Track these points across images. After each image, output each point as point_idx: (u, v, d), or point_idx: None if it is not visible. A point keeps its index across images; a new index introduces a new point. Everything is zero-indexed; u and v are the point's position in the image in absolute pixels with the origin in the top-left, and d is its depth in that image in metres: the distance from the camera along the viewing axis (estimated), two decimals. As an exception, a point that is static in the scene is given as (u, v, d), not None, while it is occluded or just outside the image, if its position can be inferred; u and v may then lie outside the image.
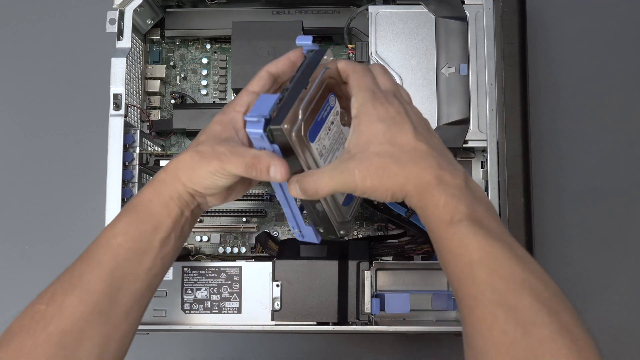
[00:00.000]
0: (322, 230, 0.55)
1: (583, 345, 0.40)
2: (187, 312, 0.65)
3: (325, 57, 0.53)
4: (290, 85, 0.51)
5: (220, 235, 0.77)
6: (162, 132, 0.78)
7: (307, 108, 0.50)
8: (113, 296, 0.50)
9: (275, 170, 0.49)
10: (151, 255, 0.52)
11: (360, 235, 0.76)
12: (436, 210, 0.46)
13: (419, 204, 0.47)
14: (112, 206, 0.66)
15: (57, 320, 0.48)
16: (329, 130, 0.53)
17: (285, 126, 0.48)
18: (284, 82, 0.56)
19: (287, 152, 0.50)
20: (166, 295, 0.66)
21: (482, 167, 0.71)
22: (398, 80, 0.68)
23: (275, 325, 0.65)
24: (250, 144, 0.52)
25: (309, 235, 0.56)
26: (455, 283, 0.45)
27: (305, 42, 0.54)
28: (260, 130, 0.49)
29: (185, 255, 0.75)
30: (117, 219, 0.53)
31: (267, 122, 0.49)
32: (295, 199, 0.54)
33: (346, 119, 0.55)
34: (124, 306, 0.51)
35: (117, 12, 0.70)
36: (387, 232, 0.76)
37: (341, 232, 0.54)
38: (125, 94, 0.69)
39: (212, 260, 0.70)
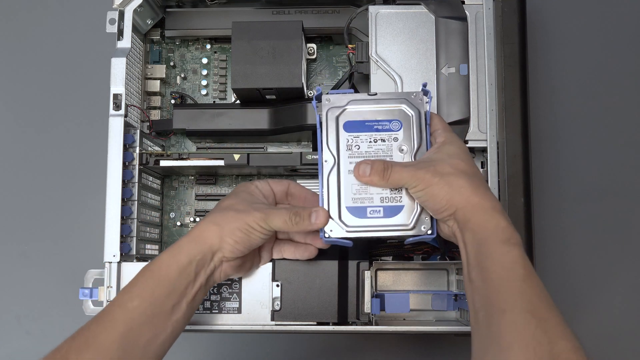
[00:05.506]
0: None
1: None
2: (187, 312, 0.65)
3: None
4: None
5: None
6: (162, 132, 0.78)
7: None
8: (125, 358, 0.51)
9: (317, 215, 0.56)
10: (162, 320, 0.54)
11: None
12: (496, 229, 0.53)
13: (477, 218, 0.53)
14: (112, 206, 0.66)
15: None
16: (374, 141, 0.59)
17: None
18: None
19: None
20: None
21: (482, 167, 0.71)
22: (398, 80, 0.69)
23: (275, 325, 0.65)
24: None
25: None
26: (492, 289, 0.51)
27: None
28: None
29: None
30: (134, 282, 0.55)
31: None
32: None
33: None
34: None
35: (117, 12, 0.70)
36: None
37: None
38: (125, 94, 0.69)
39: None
